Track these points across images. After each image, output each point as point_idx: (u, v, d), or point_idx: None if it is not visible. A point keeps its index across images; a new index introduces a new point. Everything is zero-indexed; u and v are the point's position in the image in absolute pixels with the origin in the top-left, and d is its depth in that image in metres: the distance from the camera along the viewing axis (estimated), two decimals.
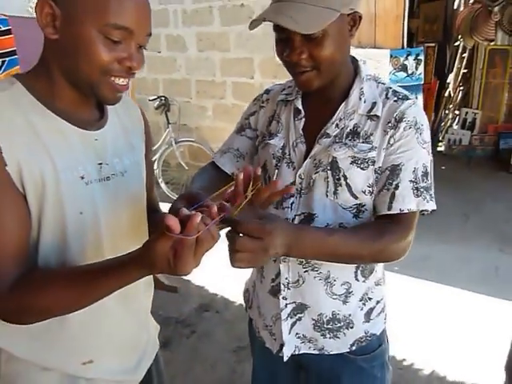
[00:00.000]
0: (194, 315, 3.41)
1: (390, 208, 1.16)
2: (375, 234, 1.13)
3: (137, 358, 1.17)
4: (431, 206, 1.18)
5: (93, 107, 1.02)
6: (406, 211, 1.15)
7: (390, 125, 1.17)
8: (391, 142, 1.16)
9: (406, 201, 1.15)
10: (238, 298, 3.51)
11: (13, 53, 2.66)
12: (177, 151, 5.57)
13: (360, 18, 1.14)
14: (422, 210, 1.19)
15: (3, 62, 2.63)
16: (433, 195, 1.20)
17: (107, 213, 1.02)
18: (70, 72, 0.92)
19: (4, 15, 2.65)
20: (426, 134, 1.19)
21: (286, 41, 1.10)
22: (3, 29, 2.62)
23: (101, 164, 1.00)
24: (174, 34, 5.96)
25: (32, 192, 0.88)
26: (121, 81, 0.94)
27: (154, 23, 0.98)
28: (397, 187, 1.15)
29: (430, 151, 1.21)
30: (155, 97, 5.59)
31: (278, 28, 1.09)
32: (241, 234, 0.94)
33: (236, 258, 0.95)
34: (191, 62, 5.94)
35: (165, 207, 1.16)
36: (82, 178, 0.96)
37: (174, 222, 0.73)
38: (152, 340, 1.27)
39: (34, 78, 0.95)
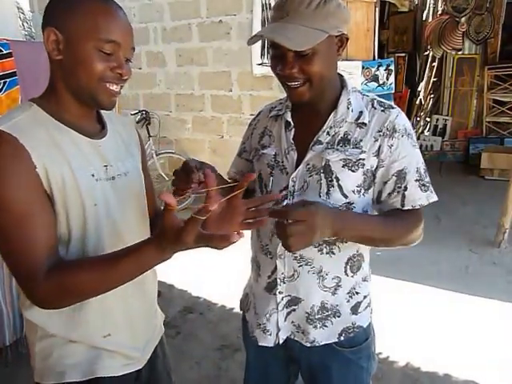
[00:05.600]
0: (178, 317, 3.49)
1: (403, 206, 1.29)
2: (402, 222, 1.27)
3: (146, 338, 1.34)
4: (435, 197, 1.32)
5: (94, 121, 1.23)
6: (418, 207, 1.29)
7: (381, 133, 1.27)
8: (391, 151, 1.26)
9: (417, 197, 1.28)
10: (220, 300, 3.65)
11: (13, 74, 2.81)
12: (157, 163, 5.70)
13: (347, 39, 1.25)
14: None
15: (4, 82, 2.78)
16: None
17: (117, 206, 1.20)
18: (72, 84, 1.11)
19: (6, 40, 2.79)
20: (415, 137, 1.33)
21: (280, 57, 1.22)
22: (4, 52, 2.76)
23: (106, 166, 1.19)
24: (155, 50, 6.04)
25: (56, 190, 1.06)
26: (114, 87, 1.13)
27: (135, 41, 1.18)
28: (406, 189, 1.28)
29: None
30: (136, 111, 5.74)
31: (273, 45, 1.21)
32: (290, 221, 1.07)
33: (289, 243, 1.07)
34: (171, 77, 6.04)
35: None
36: (93, 175, 1.14)
37: (171, 200, 0.87)
38: (158, 324, 1.45)
39: (46, 99, 1.15)
